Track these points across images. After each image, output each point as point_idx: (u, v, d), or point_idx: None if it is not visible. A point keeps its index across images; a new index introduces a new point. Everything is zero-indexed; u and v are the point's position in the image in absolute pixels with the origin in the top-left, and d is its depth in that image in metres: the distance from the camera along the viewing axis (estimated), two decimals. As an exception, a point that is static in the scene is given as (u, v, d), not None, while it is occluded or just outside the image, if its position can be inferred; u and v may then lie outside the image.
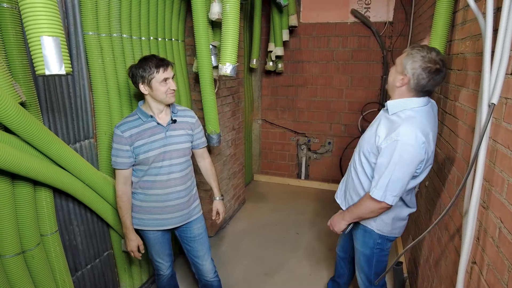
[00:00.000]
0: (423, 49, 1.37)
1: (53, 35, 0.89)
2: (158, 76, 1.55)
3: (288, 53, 4.07)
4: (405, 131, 1.35)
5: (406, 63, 1.38)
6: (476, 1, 1.42)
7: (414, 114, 1.40)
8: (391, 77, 1.48)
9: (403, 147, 1.35)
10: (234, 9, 1.61)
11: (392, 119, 1.45)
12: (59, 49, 0.91)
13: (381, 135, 1.44)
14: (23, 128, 1.27)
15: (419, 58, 1.35)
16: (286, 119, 4.35)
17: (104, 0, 1.80)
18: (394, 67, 1.47)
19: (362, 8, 3.74)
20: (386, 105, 1.50)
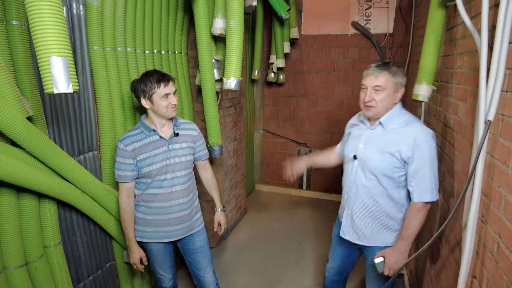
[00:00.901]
0: (390, 64, 1.50)
1: (61, 55, 0.92)
2: (159, 91, 1.58)
3: (289, 64, 4.12)
4: (420, 131, 1.45)
5: (398, 77, 1.48)
6: (472, 18, 1.45)
7: (408, 115, 1.54)
8: (385, 101, 1.49)
9: (428, 145, 1.44)
10: (239, 24, 1.65)
11: (394, 131, 1.51)
12: (67, 69, 0.94)
13: (402, 149, 1.46)
14: (29, 142, 1.30)
15: (399, 69, 1.50)
16: (287, 129, 4.37)
17: (110, 15, 1.85)
18: (381, 94, 1.48)
19: (363, 20, 3.79)
20: (377, 124, 1.56)
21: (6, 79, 1.27)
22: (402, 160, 1.48)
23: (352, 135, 1.72)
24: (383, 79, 1.46)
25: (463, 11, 1.35)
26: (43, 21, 0.92)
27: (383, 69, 1.46)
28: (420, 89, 1.79)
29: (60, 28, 0.94)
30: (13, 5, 1.39)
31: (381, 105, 1.50)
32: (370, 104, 1.51)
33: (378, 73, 1.47)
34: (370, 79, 1.49)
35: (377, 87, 1.48)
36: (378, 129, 1.57)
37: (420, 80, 1.80)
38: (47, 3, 0.92)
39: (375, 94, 1.49)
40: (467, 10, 1.56)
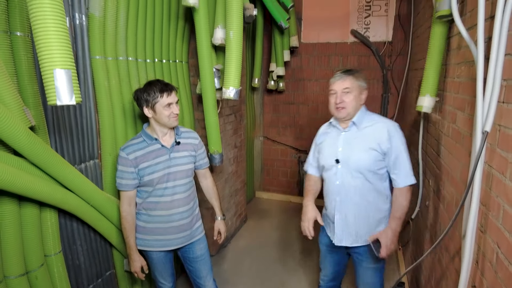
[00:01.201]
0: (352, 70, 1.70)
1: (65, 68, 0.94)
2: (162, 101, 1.60)
3: (289, 71, 4.15)
4: (390, 125, 1.67)
5: (361, 81, 1.67)
6: (468, 29, 1.48)
7: (374, 114, 1.74)
8: (354, 102, 1.66)
9: (400, 134, 1.66)
10: (238, 35, 1.68)
11: (368, 129, 1.67)
12: (71, 81, 0.96)
13: (381, 142, 1.63)
14: (31, 152, 1.31)
15: (361, 74, 1.70)
16: (287, 136, 4.39)
17: (111, 25, 1.87)
18: (349, 96, 1.65)
19: (362, 29, 3.83)
20: (350, 124, 1.70)
21: (10, 89, 1.29)
22: (382, 152, 1.64)
23: (326, 143, 1.81)
24: (350, 82, 1.64)
25: (460, 23, 1.38)
26: (48, 34, 0.94)
27: (348, 74, 1.66)
28: (423, 101, 1.83)
29: (64, 41, 0.96)
30: (17, 16, 1.42)
31: (351, 106, 1.65)
32: (341, 105, 1.66)
33: (345, 77, 1.65)
34: (338, 84, 1.66)
35: (345, 89, 1.64)
36: (353, 129, 1.71)
37: (424, 92, 1.83)
38: (52, 16, 0.94)
39: (344, 96, 1.65)
40: (464, 21, 1.58)
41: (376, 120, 1.70)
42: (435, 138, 2.09)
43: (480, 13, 1.17)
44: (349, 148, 1.69)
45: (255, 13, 2.16)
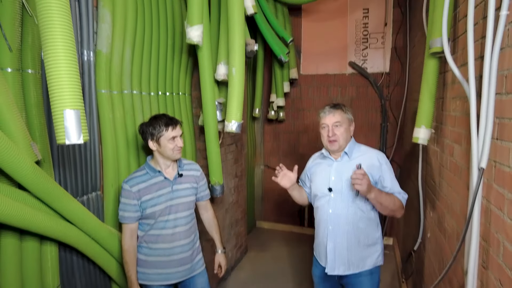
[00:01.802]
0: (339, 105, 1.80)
1: (74, 108, 0.98)
2: (167, 134, 1.64)
3: (289, 101, 4.23)
4: (378, 154, 1.78)
5: (349, 114, 1.78)
6: (460, 66, 1.54)
7: (363, 145, 1.84)
8: (345, 134, 1.74)
9: (388, 162, 1.79)
10: (240, 72, 1.75)
11: (358, 159, 1.74)
12: (79, 121, 1.00)
13: (372, 172, 1.73)
14: (36, 186, 1.33)
15: (348, 108, 1.80)
16: (288, 164, 4.35)
17: (118, 60, 1.95)
18: (340, 129, 1.74)
19: (360, 60, 3.95)
20: (342, 154, 1.79)
21: (18, 124, 1.33)
22: (374, 181, 1.72)
23: (318, 172, 1.88)
24: (339, 116, 1.74)
25: (451, 61, 1.44)
26: (59, 75, 0.99)
27: (337, 108, 1.76)
28: (419, 133, 1.86)
29: (74, 82, 1.01)
30: (29, 55, 1.49)
31: (342, 138, 1.74)
32: (333, 138, 1.74)
33: (335, 111, 1.74)
34: (329, 118, 1.75)
35: (336, 123, 1.73)
36: (345, 159, 1.79)
37: (419, 123, 1.87)
38: (64, 58, 1.00)
39: (336, 130, 1.74)
40: (456, 59, 1.65)
41: (365, 150, 1.82)
42: (434, 169, 2.11)
43: (470, 53, 1.23)
44: (341, 177, 1.75)
45: (256, 48, 2.25)
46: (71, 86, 1.00)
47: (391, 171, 1.78)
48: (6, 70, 1.39)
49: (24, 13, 1.45)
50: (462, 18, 1.60)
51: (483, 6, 1.29)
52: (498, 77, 1.11)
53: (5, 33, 1.35)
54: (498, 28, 1.06)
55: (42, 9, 1.04)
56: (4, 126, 1.26)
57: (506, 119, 1.06)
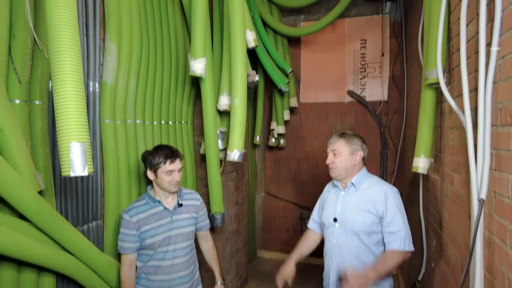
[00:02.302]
0: (346, 133, 1.78)
1: (80, 141, 1.01)
2: (164, 167, 1.66)
3: (289, 128, 4.28)
4: (388, 188, 1.71)
5: (353, 143, 1.75)
6: (456, 97, 1.58)
7: (374, 177, 1.80)
8: (344, 163, 1.73)
9: (397, 199, 1.69)
10: (242, 102, 1.80)
11: (366, 191, 1.72)
12: (85, 154, 1.02)
13: (377, 205, 1.67)
14: (38, 217, 1.34)
15: (354, 137, 1.76)
16: (289, 192, 4.39)
17: (122, 91, 2.00)
18: (339, 157, 1.74)
19: (358, 89, 4.03)
20: (349, 185, 1.76)
21: (24, 155, 1.35)
22: (378, 216, 1.67)
23: (328, 201, 1.87)
24: (338, 144, 1.75)
25: (447, 93, 1.48)
26: (68, 109, 1.03)
27: (339, 137, 1.78)
28: (418, 162, 1.88)
29: (82, 115, 1.04)
30: (37, 87, 1.53)
31: (340, 166, 1.74)
32: (331, 165, 1.76)
33: (335, 140, 1.77)
34: (330, 146, 1.79)
35: (334, 151, 1.75)
36: (351, 190, 1.77)
37: (418, 153, 1.89)
38: (72, 92, 1.04)
39: (334, 157, 1.75)
40: (451, 90, 1.70)
41: (375, 182, 1.76)
42: (435, 198, 2.11)
43: (464, 87, 1.27)
44: (346, 208, 1.74)
45: (257, 78, 2.31)
46: (78, 119, 1.03)
47: (399, 211, 1.66)
48: (15, 102, 1.43)
49: (35, 47, 1.52)
50: (456, 51, 1.66)
51: (475, 41, 1.34)
52: (492, 109, 1.14)
53: (15, 67, 1.40)
54: (490, 63, 1.10)
55: (54, 44, 1.09)
56: (11, 157, 1.28)
57: (503, 150, 1.08)
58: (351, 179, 1.76)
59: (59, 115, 1.03)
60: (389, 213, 1.65)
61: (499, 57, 1.11)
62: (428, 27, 1.78)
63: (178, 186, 1.72)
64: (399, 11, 3.75)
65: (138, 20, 2.07)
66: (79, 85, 1.07)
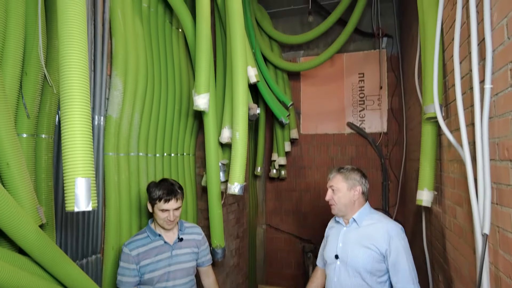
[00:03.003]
0: (344, 168, 1.76)
1: (86, 177, 1.03)
2: (160, 205, 1.66)
3: (290, 159, 4.30)
4: (392, 226, 1.65)
5: (350, 179, 1.72)
6: (454, 130, 1.61)
7: (377, 213, 1.75)
8: (342, 199, 1.70)
9: (402, 238, 1.63)
10: (243, 136, 1.83)
11: (368, 227, 1.68)
12: (89, 189, 1.03)
13: (379, 243, 1.62)
14: (37, 252, 1.32)
15: (352, 172, 1.73)
16: (291, 224, 4.33)
17: (126, 125, 2.04)
18: (337, 193, 1.71)
19: (357, 121, 4.09)
20: (351, 221, 1.72)
21: (27, 188, 1.36)
22: (381, 254, 1.62)
23: (330, 236, 1.84)
24: (335, 180, 1.74)
25: (445, 127, 1.51)
26: (75, 145, 1.05)
27: (336, 173, 1.76)
28: (422, 195, 1.89)
29: (88, 151, 1.06)
30: (45, 121, 1.57)
31: (339, 203, 1.72)
32: (330, 202, 1.76)
33: (333, 175, 1.75)
34: (329, 181, 1.79)
35: (332, 187, 1.74)
36: (353, 226, 1.73)
37: (422, 186, 1.90)
38: (80, 130, 1.07)
39: (333, 194, 1.74)
40: (449, 124, 1.73)
41: (378, 219, 1.72)
42: (438, 231, 2.08)
43: (461, 122, 1.30)
44: (347, 245, 1.70)
45: (258, 111, 2.36)
46: (85, 154, 1.05)
47: (403, 250, 1.60)
48: (22, 136, 1.46)
49: (45, 83, 1.57)
50: (451, 87, 1.71)
51: (469, 78, 1.39)
52: (490, 144, 1.16)
53: (25, 102, 1.44)
54: (484, 100, 1.14)
55: (64, 82, 1.13)
56: (15, 190, 1.29)
57: (503, 185, 1.09)
58: (352, 215, 1.74)
59: (66, 150, 1.06)
60: (393, 253, 1.60)
61: (492, 94, 1.15)
62: (424, 63, 1.85)
63: (172, 225, 1.71)
64: (396, 46, 3.89)
65: (144, 56, 2.15)
66: (87, 121, 1.11)
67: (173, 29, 2.55)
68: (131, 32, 2.07)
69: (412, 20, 2.91)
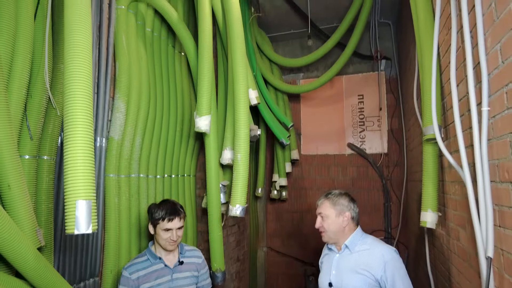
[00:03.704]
0: (331, 193, 1.73)
1: (87, 199, 1.03)
2: (163, 224, 1.66)
3: (291, 180, 4.28)
4: (386, 250, 1.61)
5: (338, 204, 1.69)
6: (453, 152, 1.61)
7: (370, 237, 1.71)
8: (331, 226, 1.67)
9: (397, 261, 1.59)
10: (245, 157, 1.84)
11: (361, 253, 1.64)
12: (90, 212, 1.03)
13: (373, 269, 1.57)
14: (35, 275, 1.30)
15: (340, 197, 1.70)
16: (292, 246, 4.26)
17: (128, 147, 2.05)
18: (326, 220, 1.68)
19: (358, 142, 4.10)
20: (343, 247, 1.68)
21: (27, 210, 1.36)
22: (376, 280, 1.56)
23: (324, 264, 1.80)
24: (323, 207, 1.71)
25: (444, 149, 1.52)
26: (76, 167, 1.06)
27: (324, 198, 1.73)
28: (426, 216, 1.87)
29: (89, 173, 1.07)
30: (47, 142, 1.59)
31: (329, 230, 1.68)
32: (320, 230, 1.72)
33: (321, 202, 1.72)
34: (317, 208, 1.73)
35: (320, 214, 1.71)
36: (346, 252, 1.69)
37: (425, 207, 1.88)
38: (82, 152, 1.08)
39: (322, 221, 1.70)
40: (448, 145, 1.74)
41: (371, 244, 1.68)
42: (442, 254, 2.05)
43: (460, 144, 1.31)
44: (341, 272, 1.66)
45: (259, 133, 2.38)
46: (86, 177, 1.06)
47: (399, 272, 1.56)
48: (24, 157, 1.47)
49: (49, 105, 1.60)
50: (450, 109, 1.73)
51: (467, 100, 1.41)
52: (490, 166, 1.17)
53: (29, 124, 1.46)
54: (482, 123, 1.15)
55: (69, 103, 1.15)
56: (15, 212, 1.29)
57: (505, 207, 1.09)
58: (344, 241, 1.70)
59: (68, 172, 1.06)
60: (389, 280, 1.55)
61: (490, 116, 1.16)
62: (423, 85, 1.88)
63: (175, 245, 1.70)
64: (394, 68, 3.96)
65: (147, 79, 2.20)
66: (89, 144, 1.12)
67: (176, 53, 2.62)
68: (135, 55, 2.12)
69: (409, 43, 2.98)
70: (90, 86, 1.18)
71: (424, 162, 1.98)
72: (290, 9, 3.62)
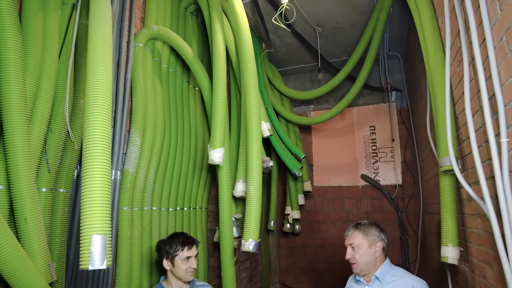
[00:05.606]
0: (361, 224, 1.72)
1: (102, 234, 1.02)
2: (182, 254, 1.64)
3: (304, 213, 4.20)
4: (416, 281, 1.61)
5: (370, 234, 1.67)
6: (472, 184, 1.57)
7: (399, 269, 1.70)
8: (364, 257, 1.65)
9: None
10: (258, 190, 1.83)
11: (391, 285, 1.62)
12: (105, 246, 1.03)
13: None
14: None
15: (370, 227, 1.69)
16: (305, 283, 4.10)
17: (142, 180, 2.06)
18: (358, 251, 1.66)
19: (371, 173, 4.04)
20: (373, 279, 1.65)
21: (41, 244, 1.35)
22: None
23: None
24: (354, 237, 1.68)
25: (463, 181, 1.48)
26: (93, 201, 1.07)
27: (355, 229, 1.71)
28: (447, 251, 1.80)
29: (105, 207, 1.07)
30: (64, 175, 1.62)
31: (361, 261, 1.65)
32: (351, 261, 1.68)
33: (351, 232, 1.70)
34: (347, 239, 1.71)
35: (352, 245, 1.68)
36: (376, 284, 1.66)
37: (446, 242, 1.81)
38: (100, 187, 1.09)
39: (354, 252, 1.67)
40: (467, 176, 1.70)
41: (401, 275, 1.66)
42: (467, 292, 1.93)
43: (480, 176, 1.28)
44: None
45: (271, 164, 2.38)
46: (103, 211, 1.06)
47: None
48: (41, 190, 1.49)
49: (67, 139, 1.64)
50: (466, 140, 1.71)
51: (483, 131, 1.39)
52: (513, 198, 1.12)
53: (48, 158, 1.50)
54: (503, 154, 1.13)
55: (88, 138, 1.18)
56: (29, 246, 1.29)
57: (533, 242, 1.04)
58: (374, 272, 1.67)
59: (85, 206, 1.07)
60: None
61: (509, 147, 1.14)
62: (436, 117, 1.87)
63: (193, 274, 1.66)
64: (405, 100, 3.97)
65: (162, 113, 2.25)
66: (106, 178, 1.13)
67: (190, 88, 2.70)
68: (151, 90, 2.19)
69: (419, 75, 3.01)
70: (109, 121, 1.22)
71: (442, 194, 1.93)
72: (300, 45, 3.73)
